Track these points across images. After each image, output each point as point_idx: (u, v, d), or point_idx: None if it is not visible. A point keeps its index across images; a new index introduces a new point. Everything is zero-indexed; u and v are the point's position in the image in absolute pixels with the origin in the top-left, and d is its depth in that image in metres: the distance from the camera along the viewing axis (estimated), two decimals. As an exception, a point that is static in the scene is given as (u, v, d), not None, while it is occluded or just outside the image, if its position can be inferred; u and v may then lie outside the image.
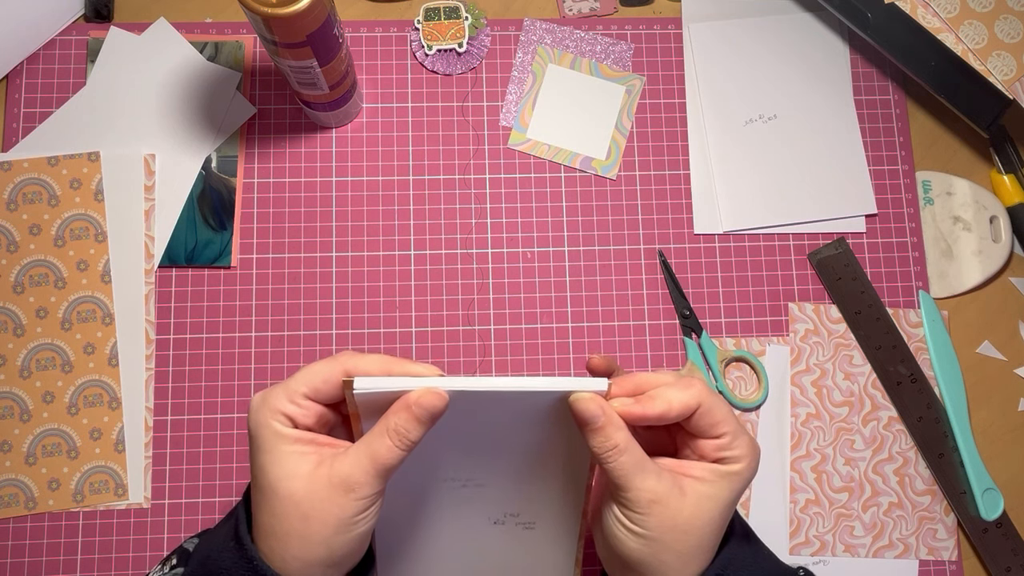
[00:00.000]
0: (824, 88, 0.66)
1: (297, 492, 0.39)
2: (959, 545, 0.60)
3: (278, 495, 0.40)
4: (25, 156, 0.61)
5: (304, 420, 0.41)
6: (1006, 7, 0.60)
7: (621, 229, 0.63)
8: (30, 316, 0.60)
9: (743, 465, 0.42)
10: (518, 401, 0.43)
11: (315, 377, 0.41)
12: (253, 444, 0.41)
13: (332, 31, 0.52)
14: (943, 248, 0.64)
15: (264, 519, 0.40)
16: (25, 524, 0.58)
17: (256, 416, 0.41)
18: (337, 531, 0.40)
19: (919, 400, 0.61)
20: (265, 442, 0.40)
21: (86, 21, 0.64)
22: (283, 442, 0.40)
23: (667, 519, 0.40)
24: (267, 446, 0.40)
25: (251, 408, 0.42)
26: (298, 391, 0.41)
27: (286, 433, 0.40)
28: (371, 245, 0.62)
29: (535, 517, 0.50)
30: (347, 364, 0.41)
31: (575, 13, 0.66)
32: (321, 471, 0.40)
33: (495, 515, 0.49)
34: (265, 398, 0.41)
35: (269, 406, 0.41)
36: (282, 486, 0.40)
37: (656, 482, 0.41)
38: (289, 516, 0.39)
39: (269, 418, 0.40)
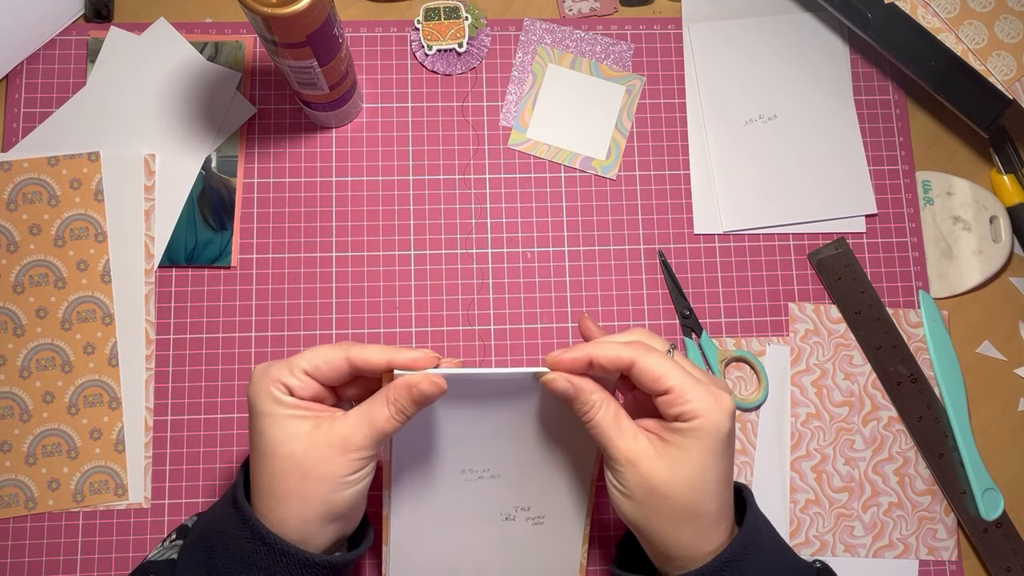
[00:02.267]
0: (824, 88, 0.66)
1: (296, 452, 0.42)
2: (959, 545, 0.60)
3: (277, 456, 0.42)
4: (25, 156, 0.61)
5: (301, 392, 0.44)
6: (1006, 7, 0.60)
7: (621, 229, 0.63)
8: (30, 316, 0.60)
9: (701, 420, 0.41)
10: (507, 386, 0.46)
11: (317, 357, 0.44)
12: (253, 410, 0.44)
13: (332, 31, 0.52)
14: (943, 248, 0.64)
15: (263, 481, 0.43)
16: (25, 524, 0.58)
17: (257, 384, 0.44)
18: (333, 488, 0.42)
19: (919, 400, 0.61)
20: (265, 406, 0.43)
21: (86, 21, 0.64)
22: (282, 407, 0.43)
23: (644, 479, 0.42)
24: (267, 410, 0.43)
25: (252, 377, 0.45)
26: (299, 366, 0.44)
27: (285, 399, 0.43)
28: (371, 245, 0.62)
29: (544, 511, 0.52)
30: (351, 351, 0.44)
31: (575, 13, 0.66)
32: (319, 432, 0.43)
33: (507, 510, 0.52)
34: (267, 368, 0.44)
35: (270, 375, 0.43)
36: (282, 447, 0.42)
37: (631, 441, 0.43)
38: (288, 476, 0.42)
39: (270, 385, 0.43)
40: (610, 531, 0.59)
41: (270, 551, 0.42)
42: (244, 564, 0.43)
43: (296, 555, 0.42)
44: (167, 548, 0.48)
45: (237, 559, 0.43)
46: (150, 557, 0.49)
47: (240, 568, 0.43)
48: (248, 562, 0.42)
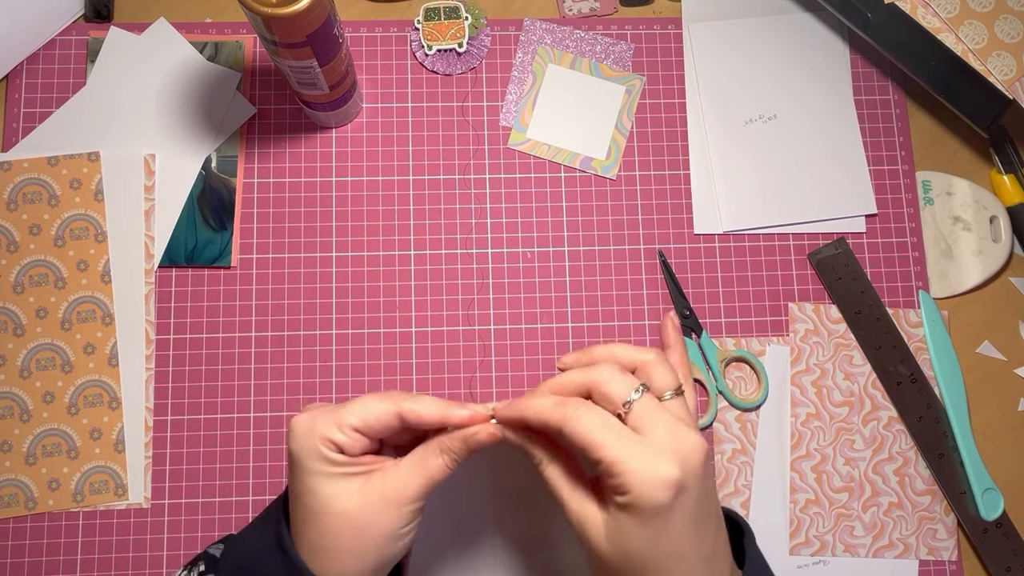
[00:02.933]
0: (824, 88, 0.66)
1: (351, 509, 0.41)
2: (959, 545, 0.60)
3: (331, 513, 0.41)
4: (25, 156, 0.61)
5: (351, 450, 0.41)
6: (1006, 7, 0.60)
7: (621, 229, 0.63)
8: (30, 316, 0.60)
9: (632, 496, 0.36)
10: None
11: (367, 411, 0.41)
12: (299, 467, 0.42)
13: (332, 31, 0.52)
14: (943, 248, 0.64)
15: (312, 535, 0.41)
16: (25, 524, 0.58)
17: (304, 441, 0.41)
18: (389, 541, 0.41)
19: (919, 400, 0.61)
20: (314, 465, 0.41)
21: (86, 21, 0.64)
22: (333, 465, 0.41)
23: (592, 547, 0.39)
24: (316, 468, 0.41)
25: (296, 432, 0.42)
26: (348, 422, 0.41)
27: (335, 457, 0.41)
28: (371, 245, 0.62)
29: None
30: (403, 405, 0.42)
31: (575, 13, 0.66)
32: (372, 486, 0.41)
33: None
34: (312, 423, 0.41)
35: (318, 432, 0.41)
36: (335, 505, 0.41)
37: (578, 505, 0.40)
38: (342, 532, 0.41)
39: (318, 444, 0.41)
40: None
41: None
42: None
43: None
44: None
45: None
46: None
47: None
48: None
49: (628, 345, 0.43)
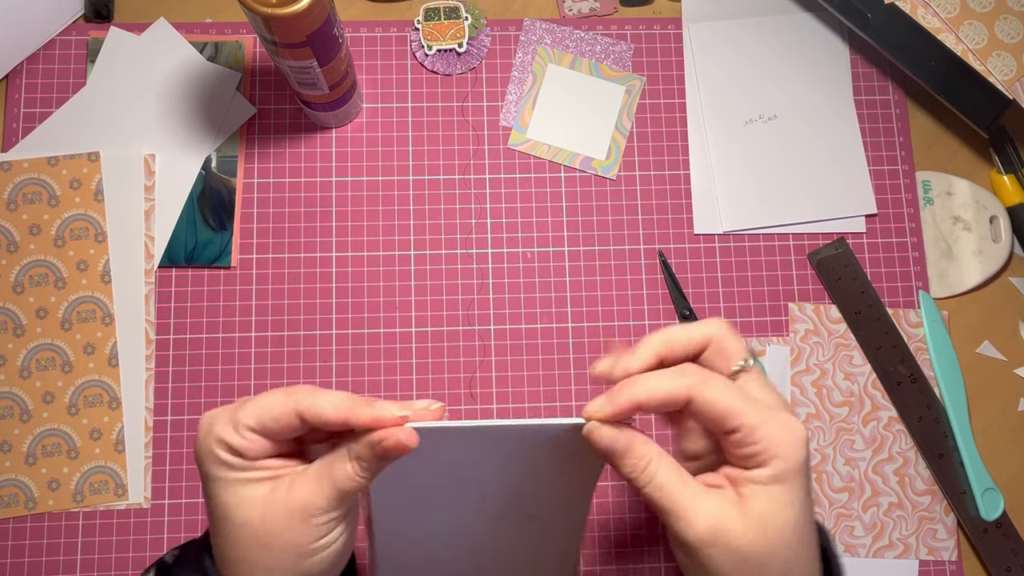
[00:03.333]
0: (824, 88, 0.66)
1: (254, 519, 0.37)
2: (959, 545, 0.60)
3: (234, 523, 0.37)
4: (25, 156, 0.61)
5: (250, 452, 0.37)
6: (1006, 7, 0.60)
7: (621, 229, 0.63)
8: (30, 316, 0.60)
9: (781, 460, 0.33)
10: (493, 439, 0.39)
11: (264, 413, 0.37)
12: (201, 471, 0.38)
13: (332, 31, 0.52)
14: (943, 248, 0.64)
15: (224, 549, 0.38)
16: (25, 524, 0.58)
17: (202, 444, 0.37)
18: (299, 557, 0.37)
19: (919, 400, 0.61)
20: (212, 470, 0.37)
21: (86, 21, 0.64)
22: (231, 470, 0.37)
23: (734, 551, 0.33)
24: (215, 474, 0.37)
25: (197, 433, 0.38)
26: (243, 422, 0.37)
27: (232, 461, 0.37)
28: (371, 245, 0.62)
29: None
30: (303, 403, 0.36)
31: (575, 13, 0.66)
32: (277, 496, 0.37)
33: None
34: (211, 425, 0.37)
35: (214, 435, 0.37)
36: (237, 514, 0.37)
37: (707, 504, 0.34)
38: (249, 545, 0.37)
39: (214, 447, 0.37)
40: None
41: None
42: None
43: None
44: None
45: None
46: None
47: None
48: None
49: (682, 324, 0.39)
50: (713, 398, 0.34)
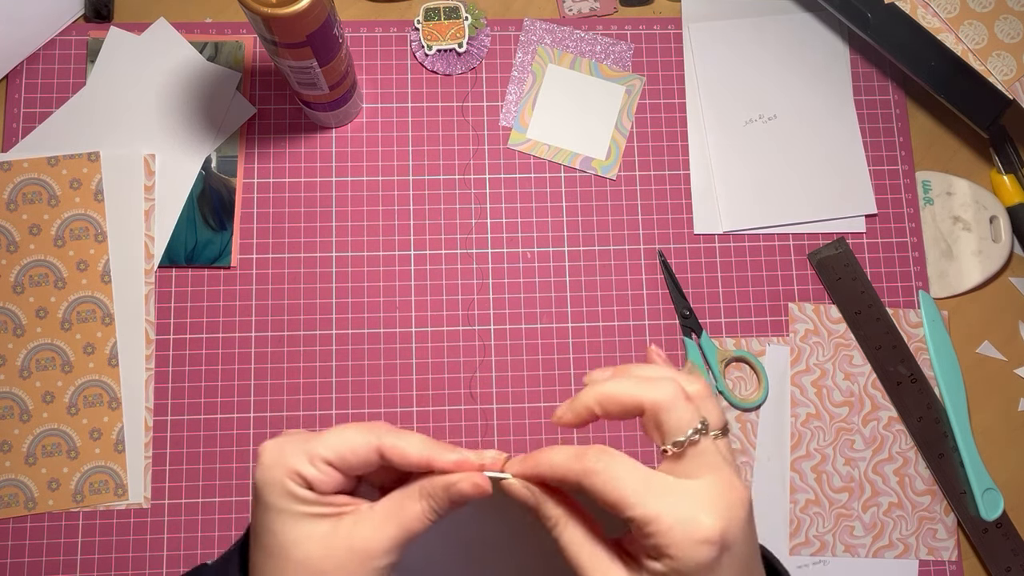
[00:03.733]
0: (824, 88, 0.66)
1: (313, 556, 0.35)
2: (959, 545, 0.60)
3: (291, 560, 0.36)
4: (25, 156, 0.61)
5: (322, 486, 0.36)
6: (1006, 7, 0.60)
7: (621, 229, 0.63)
8: (30, 316, 0.60)
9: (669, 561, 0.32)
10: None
11: (343, 444, 0.36)
12: (261, 501, 0.36)
13: (332, 31, 0.52)
14: (943, 248, 0.64)
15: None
16: (25, 524, 0.58)
17: (269, 472, 0.36)
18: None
19: (919, 400, 0.61)
20: (277, 501, 0.36)
21: (86, 21, 0.64)
22: (299, 503, 0.36)
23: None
24: (280, 505, 0.36)
25: (263, 460, 0.36)
26: (321, 455, 0.36)
27: (302, 494, 0.36)
28: (371, 245, 0.62)
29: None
30: (384, 440, 0.36)
31: (575, 13, 0.66)
32: (340, 533, 0.36)
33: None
34: (282, 454, 0.36)
35: (286, 464, 0.36)
36: (296, 551, 0.36)
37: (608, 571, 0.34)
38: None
39: (284, 477, 0.36)
40: None
41: None
42: None
43: None
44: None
45: None
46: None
47: None
48: None
49: (670, 367, 0.37)
50: (602, 485, 0.33)
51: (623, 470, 0.33)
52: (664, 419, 0.34)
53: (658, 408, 0.34)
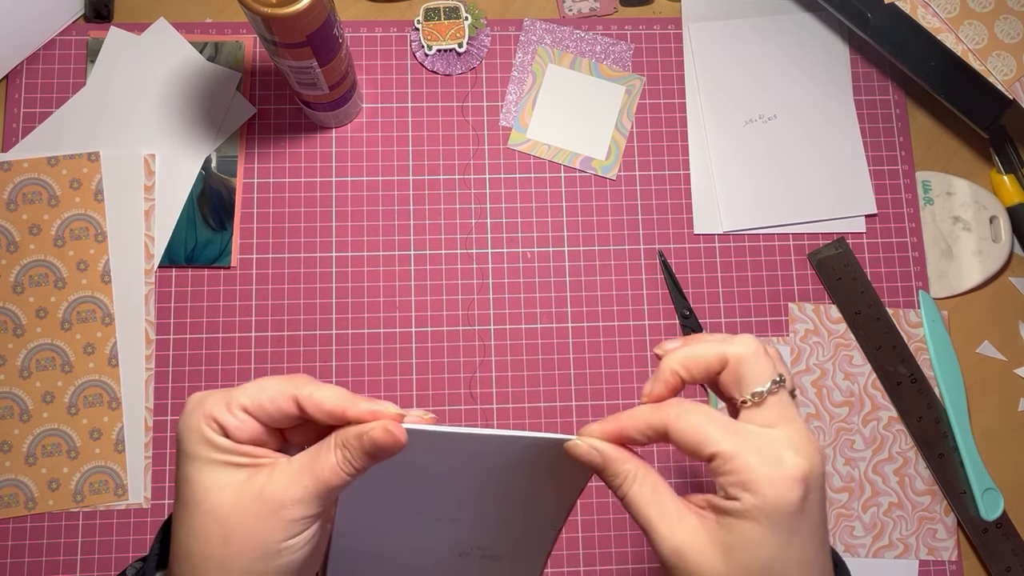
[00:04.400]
0: (824, 88, 0.66)
1: (223, 506, 0.35)
2: (959, 545, 0.60)
3: (200, 509, 0.35)
4: (25, 156, 0.61)
5: (238, 434, 0.36)
6: (1006, 7, 0.60)
7: (621, 229, 0.63)
8: (30, 316, 0.60)
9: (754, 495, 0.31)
10: (498, 447, 0.39)
11: (262, 392, 0.36)
12: (180, 450, 0.36)
13: (332, 31, 0.52)
14: (943, 248, 0.64)
15: (182, 538, 0.35)
16: (25, 524, 0.58)
17: (188, 419, 0.36)
18: (262, 557, 0.35)
19: (919, 400, 0.61)
20: (193, 447, 0.35)
21: (86, 21, 0.64)
22: (214, 450, 0.35)
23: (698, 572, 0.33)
24: (195, 451, 0.35)
25: (184, 409, 0.36)
26: (239, 401, 0.36)
27: (218, 441, 0.35)
28: (371, 245, 0.62)
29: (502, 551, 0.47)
30: (301, 390, 0.36)
31: (575, 13, 0.66)
32: (253, 483, 0.35)
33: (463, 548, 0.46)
34: (201, 401, 0.36)
35: (204, 410, 0.35)
36: (206, 499, 0.35)
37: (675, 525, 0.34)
38: (210, 536, 0.35)
39: (201, 423, 0.35)
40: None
41: None
42: None
43: None
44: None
45: None
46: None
47: None
48: None
49: (708, 339, 0.37)
50: (685, 427, 0.34)
51: (703, 414, 0.34)
52: (745, 371, 0.35)
53: (740, 360, 0.35)
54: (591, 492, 0.59)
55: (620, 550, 0.59)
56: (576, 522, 0.59)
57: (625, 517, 0.59)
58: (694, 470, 0.61)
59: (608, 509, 0.59)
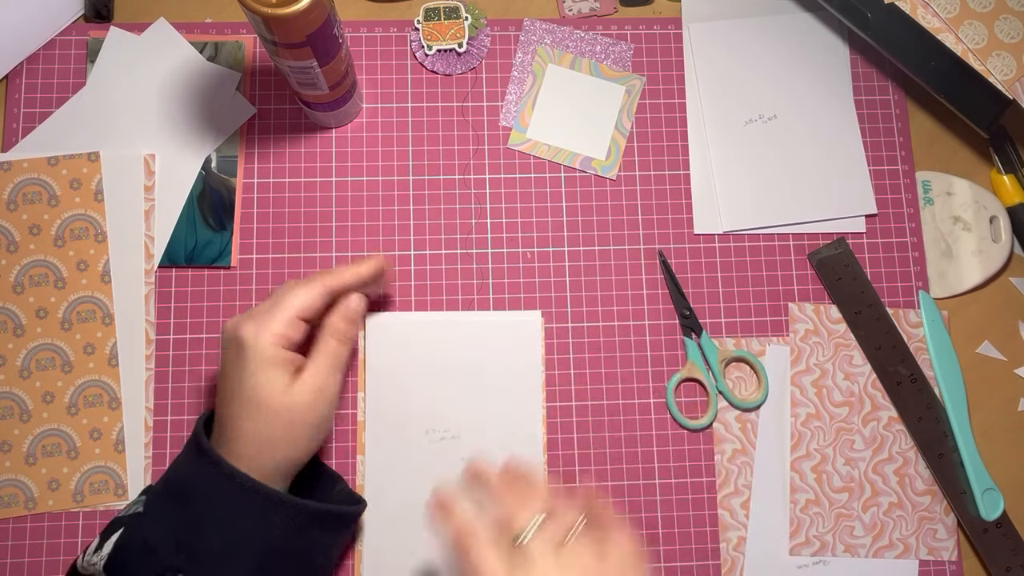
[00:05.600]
0: (824, 88, 0.66)
1: (287, 403, 0.46)
2: (959, 545, 0.60)
3: (270, 407, 0.46)
4: (25, 156, 0.61)
5: (298, 338, 0.48)
6: (1006, 7, 0.60)
7: (621, 229, 0.63)
8: (30, 316, 0.60)
9: None
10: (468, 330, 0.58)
11: (304, 300, 0.48)
12: (251, 363, 0.46)
13: (332, 31, 0.52)
14: (943, 248, 0.64)
15: (250, 430, 0.46)
16: (25, 524, 0.58)
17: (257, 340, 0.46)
18: (314, 431, 0.48)
19: (919, 400, 0.61)
20: (262, 363, 0.46)
21: (86, 21, 0.64)
22: (279, 363, 0.47)
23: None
24: (263, 366, 0.46)
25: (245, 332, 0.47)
26: (292, 316, 0.47)
27: (283, 356, 0.47)
28: (371, 245, 0.62)
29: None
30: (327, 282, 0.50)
31: (575, 13, 0.66)
32: (304, 380, 0.47)
33: None
34: (261, 324, 0.47)
35: (271, 330, 0.47)
36: (274, 400, 0.46)
37: None
38: (277, 423, 0.46)
39: (270, 342, 0.46)
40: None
41: (279, 505, 0.46)
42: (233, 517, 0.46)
43: (309, 506, 0.47)
44: (134, 504, 0.49)
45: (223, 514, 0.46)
46: (118, 515, 0.49)
47: (228, 520, 0.46)
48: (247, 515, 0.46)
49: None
50: None
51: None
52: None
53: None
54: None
55: (620, 550, 0.59)
56: (576, 522, 0.59)
57: (625, 517, 0.59)
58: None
59: (608, 509, 0.59)
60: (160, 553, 0.45)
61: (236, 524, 0.45)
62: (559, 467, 0.60)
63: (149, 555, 0.45)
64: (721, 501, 0.60)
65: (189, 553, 0.45)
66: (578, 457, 0.60)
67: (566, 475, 0.59)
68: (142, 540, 0.46)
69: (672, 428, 0.60)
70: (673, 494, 0.60)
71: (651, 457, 0.60)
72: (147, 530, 0.46)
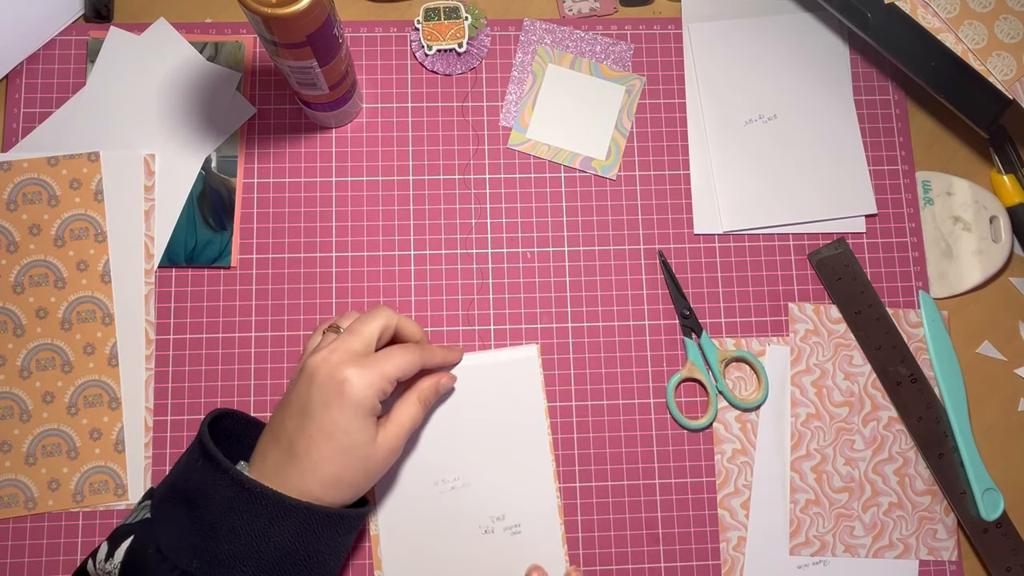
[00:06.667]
0: (824, 88, 0.66)
1: (370, 454, 0.50)
2: (959, 545, 0.60)
3: (356, 456, 0.49)
4: (25, 156, 0.61)
5: (389, 394, 0.51)
6: (1006, 7, 0.60)
7: (621, 229, 0.63)
8: (30, 316, 0.60)
9: None
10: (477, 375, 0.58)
11: (406, 366, 0.52)
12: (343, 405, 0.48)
13: (332, 31, 0.52)
14: (943, 248, 0.64)
15: (330, 472, 0.48)
16: (25, 524, 0.58)
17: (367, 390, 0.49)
18: (376, 477, 0.52)
19: (919, 400, 0.61)
20: (360, 411, 0.49)
21: (86, 21, 0.64)
22: (373, 414, 0.50)
23: None
24: (360, 415, 0.49)
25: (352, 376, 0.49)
26: (393, 376, 0.51)
27: (377, 408, 0.50)
28: (371, 245, 0.62)
29: (520, 519, 0.57)
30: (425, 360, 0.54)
31: (575, 13, 0.66)
32: (385, 436, 0.51)
33: (484, 523, 0.57)
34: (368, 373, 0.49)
35: (376, 385, 0.49)
36: (361, 450, 0.49)
37: None
38: (355, 469, 0.49)
39: (373, 396, 0.49)
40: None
41: (292, 510, 0.47)
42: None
43: (317, 508, 0.48)
44: (139, 510, 0.49)
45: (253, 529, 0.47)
46: (125, 521, 0.49)
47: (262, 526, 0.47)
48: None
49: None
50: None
51: None
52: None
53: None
54: (590, 492, 0.59)
55: (620, 550, 0.59)
56: (576, 522, 0.59)
57: (625, 517, 0.59)
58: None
59: (608, 509, 0.59)
60: (175, 559, 0.45)
61: (250, 528, 0.46)
62: (559, 467, 0.60)
63: (163, 561, 0.45)
64: (721, 501, 0.60)
65: (205, 558, 0.45)
66: (578, 457, 0.60)
67: (566, 475, 0.59)
68: (155, 546, 0.46)
69: (672, 428, 0.60)
70: (673, 494, 0.60)
71: (651, 457, 0.60)
72: (159, 536, 0.47)
